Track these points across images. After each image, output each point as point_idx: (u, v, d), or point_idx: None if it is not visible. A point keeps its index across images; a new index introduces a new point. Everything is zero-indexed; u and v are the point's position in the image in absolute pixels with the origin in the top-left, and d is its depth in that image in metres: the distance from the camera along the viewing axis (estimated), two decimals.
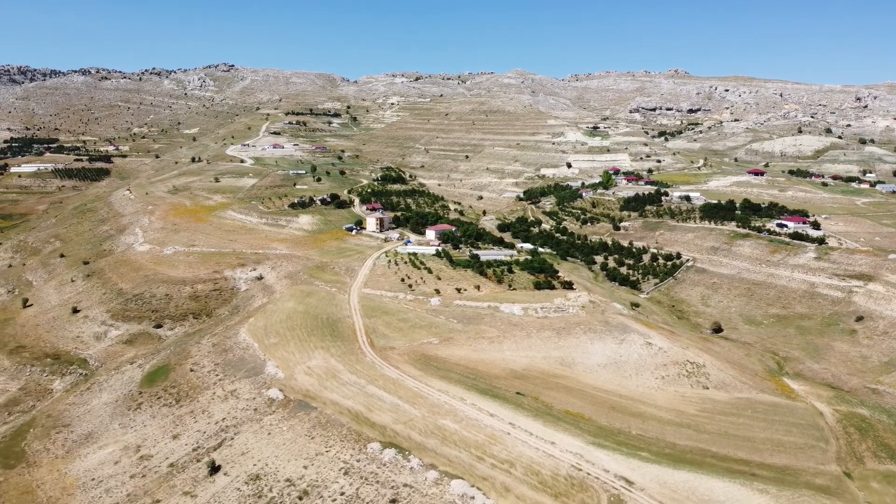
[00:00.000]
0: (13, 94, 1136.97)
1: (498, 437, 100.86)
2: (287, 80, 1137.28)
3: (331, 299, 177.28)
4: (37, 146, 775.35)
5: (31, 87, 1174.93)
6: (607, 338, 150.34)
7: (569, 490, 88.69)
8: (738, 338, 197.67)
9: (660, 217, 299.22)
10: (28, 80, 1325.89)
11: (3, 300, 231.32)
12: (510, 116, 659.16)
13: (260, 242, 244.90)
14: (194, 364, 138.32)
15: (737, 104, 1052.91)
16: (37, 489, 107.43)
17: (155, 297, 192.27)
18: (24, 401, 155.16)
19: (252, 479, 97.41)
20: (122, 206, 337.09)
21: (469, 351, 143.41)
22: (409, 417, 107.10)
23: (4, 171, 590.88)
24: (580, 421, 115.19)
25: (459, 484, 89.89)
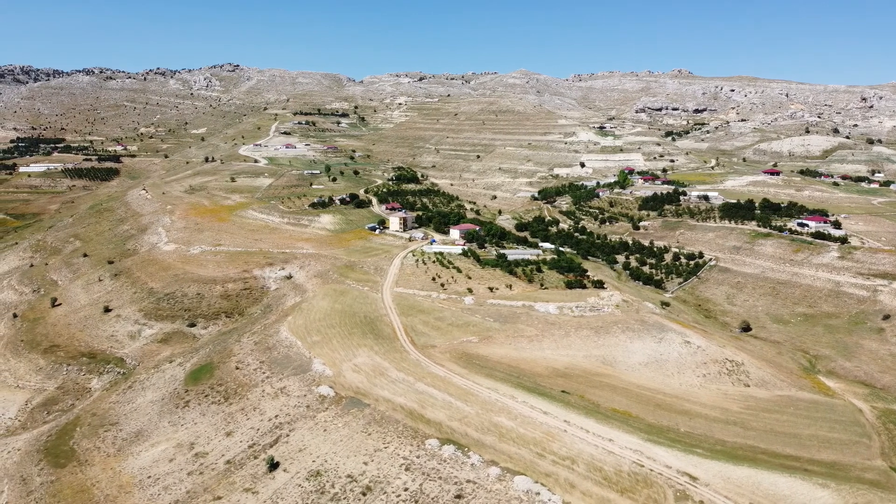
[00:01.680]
0: (18, 93, 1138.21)
1: (555, 435, 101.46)
2: (293, 80, 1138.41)
3: (365, 298, 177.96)
4: (44, 146, 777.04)
5: (35, 87, 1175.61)
6: (646, 336, 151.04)
7: (634, 486, 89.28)
8: (767, 336, 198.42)
9: (679, 216, 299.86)
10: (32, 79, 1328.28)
11: (30, 299, 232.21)
12: (520, 116, 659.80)
13: (285, 242, 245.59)
14: (239, 362, 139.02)
15: (742, 104, 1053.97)
16: (92, 487, 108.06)
17: (187, 297, 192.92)
18: (62, 400, 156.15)
19: (313, 476, 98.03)
20: (139, 206, 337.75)
21: (509, 349, 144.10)
22: (463, 414, 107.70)
23: (13, 170, 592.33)
24: (628, 419, 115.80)
25: (523, 480, 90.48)
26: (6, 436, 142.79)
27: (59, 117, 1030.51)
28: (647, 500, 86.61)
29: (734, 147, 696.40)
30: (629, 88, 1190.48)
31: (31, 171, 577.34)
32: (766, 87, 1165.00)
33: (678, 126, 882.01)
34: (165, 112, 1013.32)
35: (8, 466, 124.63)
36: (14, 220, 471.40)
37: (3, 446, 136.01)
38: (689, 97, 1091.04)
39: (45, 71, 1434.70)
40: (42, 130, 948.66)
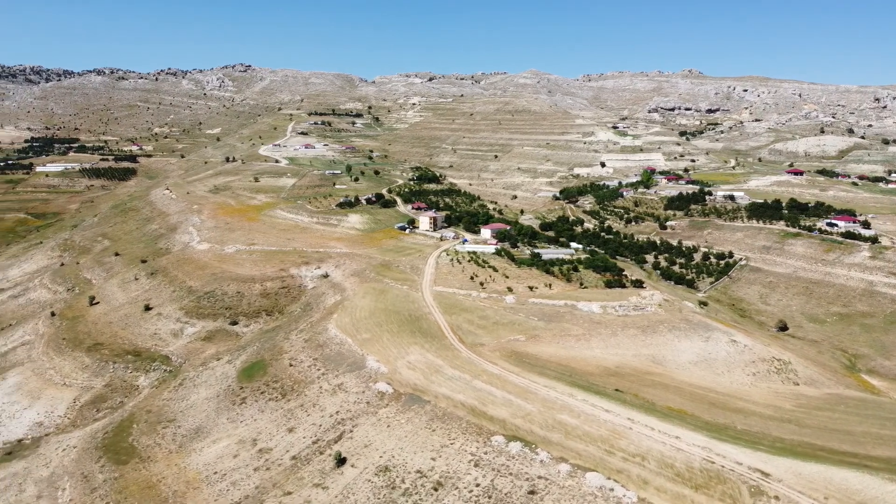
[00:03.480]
0: (31, 93, 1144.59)
1: (621, 432, 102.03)
2: (306, 81, 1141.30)
3: (406, 296, 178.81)
4: (58, 146, 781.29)
5: (48, 87, 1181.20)
6: (693, 336, 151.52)
7: (707, 482, 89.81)
8: (804, 336, 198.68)
9: (706, 216, 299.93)
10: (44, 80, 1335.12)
11: (65, 298, 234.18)
12: (536, 116, 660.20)
13: (317, 241, 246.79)
14: (292, 359, 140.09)
15: (756, 104, 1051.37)
16: (158, 484, 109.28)
17: (227, 295, 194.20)
18: (111, 397, 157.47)
19: (381, 471, 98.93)
20: (164, 206, 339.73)
21: (558, 348, 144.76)
22: (525, 412, 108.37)
23: (31, 170, 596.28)
24: (685, 417, 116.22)
25: (595, 476, 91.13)
26: (58, 433, 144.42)
27: (72, 117, 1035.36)
28: (723, 497, 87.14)
29: (749, 147, 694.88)
30: (640, 88, 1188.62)
31: (49, 170, 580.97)
32: (778, 87, 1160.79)
33: (691, 126, 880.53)
34: (179, 112, 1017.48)
35: (66, 464, 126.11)
36: (35, 220, 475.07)
37: (57, 444, 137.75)
38: (702, 97, 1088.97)
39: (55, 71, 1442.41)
40: (56, 130, 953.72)
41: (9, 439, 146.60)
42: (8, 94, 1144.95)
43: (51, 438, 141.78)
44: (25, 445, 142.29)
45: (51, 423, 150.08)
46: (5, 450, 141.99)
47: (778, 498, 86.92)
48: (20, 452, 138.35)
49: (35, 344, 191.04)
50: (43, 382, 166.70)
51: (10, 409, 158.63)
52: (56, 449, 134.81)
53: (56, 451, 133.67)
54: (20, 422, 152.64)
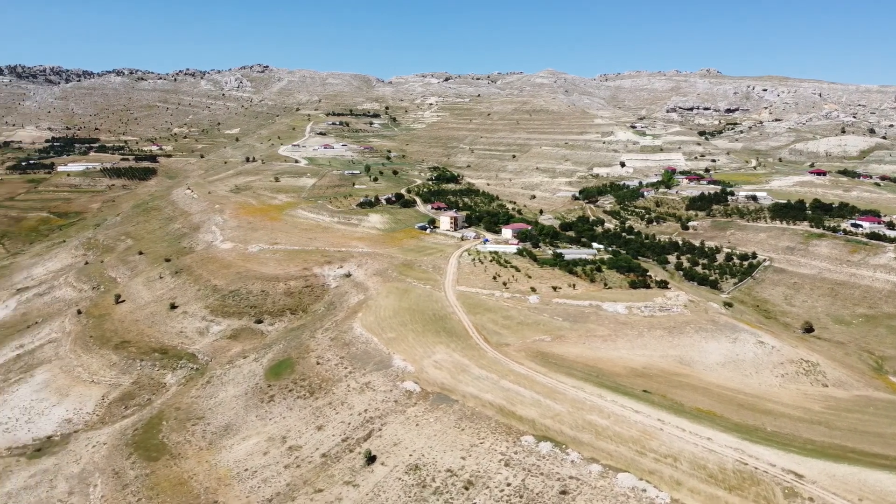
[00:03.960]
0: (51, 94, 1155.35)
1: (651, 433, 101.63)
2: (323, 81, 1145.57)
3: (429, 296, 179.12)
4: (79, 146, 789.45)
5: (68, 88, 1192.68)
6: (720, 337, 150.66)
7: (741, 483, 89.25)
8: (829, 337, 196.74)
9: (728, 217, 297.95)
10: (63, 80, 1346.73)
11: (91, 296, 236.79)
12: (555, 116, 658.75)
13: (339, 241, 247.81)
14: (319, 357, 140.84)
15: (775, 104, 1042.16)
16: (190, 480, 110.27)
17: (251, 294, 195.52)
18: (138, 394, 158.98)
19: (412, 469, 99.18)
20: (186, 205, 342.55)
21: (584, 349, 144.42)
22: (555, 412, 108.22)
23: (52, 170, 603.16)
24: (715, 418, 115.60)
25: (627, 477, 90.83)
26: (87, 430, 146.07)
27: (92, 117, 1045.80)
28: (757, 498, 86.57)
29: (769, 147, 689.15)
30: (658, 88, 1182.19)
31: (70, 170, 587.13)
32: (797, 87, 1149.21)
33: (710, 126, 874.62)
34: (198, 112, 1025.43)
35: (97, 460, 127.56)
36: (58, 219, 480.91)
37: (86, 441, 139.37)
38: (721, 97, 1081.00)
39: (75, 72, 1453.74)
40: (76, 130, 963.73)
41: (38, 436, 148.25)
42: (28, 95, 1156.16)
43: (80, 435, 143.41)
44: (55, 442, 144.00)
45: (80, 420, 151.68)
46: (35, 446, 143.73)
47: (812, 500, 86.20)
48: (50, 449, 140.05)
49: (62, 341, 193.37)
50: (71, 380, 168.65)
51: (39, 405, 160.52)
52: (86, 445, 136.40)
53: (86, 447, 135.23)
54: (49, 418, 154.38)
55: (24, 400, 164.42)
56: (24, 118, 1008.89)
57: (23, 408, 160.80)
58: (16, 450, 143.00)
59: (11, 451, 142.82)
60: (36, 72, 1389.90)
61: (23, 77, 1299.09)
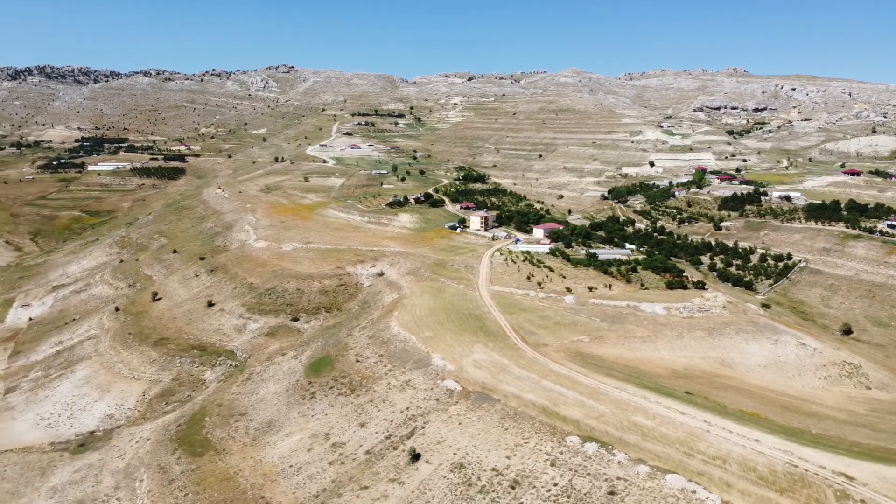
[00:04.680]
0: (80, 94, 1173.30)
1: (698, 434, 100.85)
2: (348, 82, 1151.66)
3: (463, 295, 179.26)
4: (108, 145, 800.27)
5: (97, 88, 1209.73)
6: (761, 338, 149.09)
7: (792, 486, 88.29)
8: (868, 339, 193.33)
9: (762, 217, 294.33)
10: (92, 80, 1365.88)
11: (127, 293, 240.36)
12: (581, 115, 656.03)
13: (370, 240, 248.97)
14: (358, 355, 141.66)
15: (804, 103, 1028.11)
16: (236, 476, 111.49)
17: (287, 292, 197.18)
18: (179, 391, 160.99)
19: (456, 468, 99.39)
20: (218, 204, 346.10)
21: (623, 350, 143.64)
22: (599, 413, 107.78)
23: (83, 169, 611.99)
24: (759, 420, 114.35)
25: (675, 478, 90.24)
26: (129, 426, 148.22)
27: (121, 117, 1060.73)
28: (809, 500, 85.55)
29: (799, 147, 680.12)
30: (685, 87, 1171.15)
31: (101, 169, 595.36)
32: (827, 86, 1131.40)
33: (738, 126, 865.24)
34: (224, 112, 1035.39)
35: (142, 456, 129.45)
36: (89, 217, 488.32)
37: (129, 436, 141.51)
38: (749, 96, 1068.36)
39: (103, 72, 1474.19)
40: (105, 130, 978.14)
41: (81, 431, 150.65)
42: (58, 95, 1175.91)
43: (122, 430, 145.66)
44: (98, 437, 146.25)
45: (121, 416, 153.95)
46: (78, 441, 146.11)
47: (864, 502, 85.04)
48: (93, 444, 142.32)
49: (101, 338, 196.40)
50: (112, 376, 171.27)
51: (81, 401, 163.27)
52: (129, 441, 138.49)
53: (129, 442, 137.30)
54: (91, 414, 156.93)
55: (66, 395, 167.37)
56: (54, 118, 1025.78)
57: (65, 403, 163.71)
58: (59, 445, 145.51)
59: (55, 445, 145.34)
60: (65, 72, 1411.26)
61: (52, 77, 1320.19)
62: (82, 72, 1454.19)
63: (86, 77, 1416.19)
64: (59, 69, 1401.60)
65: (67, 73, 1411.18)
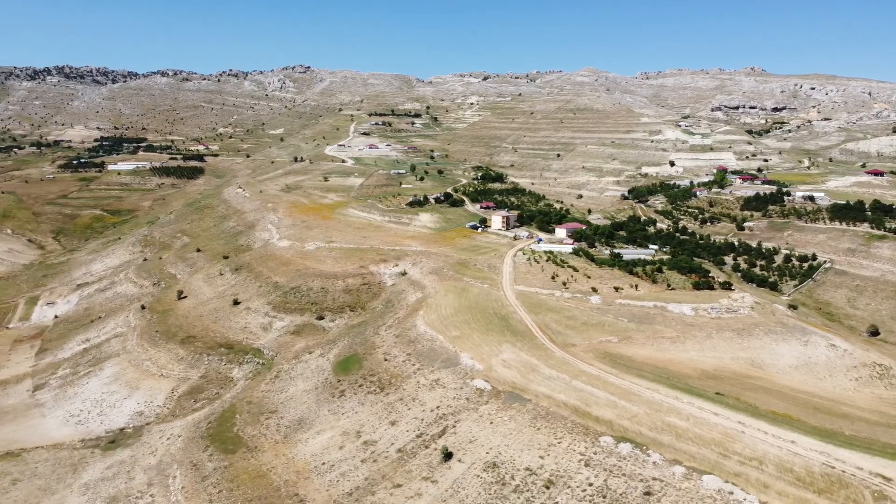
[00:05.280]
0: (99, 94, 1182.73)
1: (733, 435, 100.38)
2: (365, 82, 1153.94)
3: (488, 295, 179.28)
4: (127, 145, 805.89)
5: (115, 88, 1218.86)
6: (791, 339, 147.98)
7: (829, 487, 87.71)
8: None
9: (785, 217, 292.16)
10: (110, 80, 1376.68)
11: (152, 292, 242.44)
12: (599, 114, 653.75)
13: (391, 239, 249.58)
14: (385, 354, 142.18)
15: (824, 103, 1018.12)
16: (269, 473, 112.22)
17: (312, 290, 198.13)
18: (207, 388, 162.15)
19: (489, 467, 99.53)
20: (239, 204, 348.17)
21: (652, 350, 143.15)
22: (632, 413, 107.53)
23: (103, 168, 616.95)
24: (792, 421, 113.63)
25: (712, 479, 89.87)
26: (159, 422, 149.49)
27: (139, 117, 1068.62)
28: (847, 501, 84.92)
29: (819, 147, 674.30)
30: (702, 86, 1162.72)
31: (121, 168, 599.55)
32: (846, 86, 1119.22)
33: (756, 125, 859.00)
34: (242, 112, 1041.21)
35: (173, 452, 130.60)
36: (110, 216, 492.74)
37: (160, 433, 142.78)
38: (767, 95, 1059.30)
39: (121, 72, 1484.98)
40: (124, 130, 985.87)
41: (111, 428, 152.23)
42: (76, 95, 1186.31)
43: (152, 427, 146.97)
44: (128, 434, 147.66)
45: (151, 413, 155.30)
46: (108, 438, 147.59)
47: None
48: (124, 441, 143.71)
49: (128, 336, 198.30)
50: (140, 373, 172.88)
51: (111, 398, 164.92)
52: (160, 438, 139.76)
53: (160, 439, 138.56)
54: (121, 411, 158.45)
55: (95, 392, 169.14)
56: (73, 118, 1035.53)
57: (94, 400, 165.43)
58: (89, 441, 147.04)
59: (85, 442, 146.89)
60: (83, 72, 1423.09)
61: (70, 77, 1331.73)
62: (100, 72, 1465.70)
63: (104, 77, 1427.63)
64: (78, 69, 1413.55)
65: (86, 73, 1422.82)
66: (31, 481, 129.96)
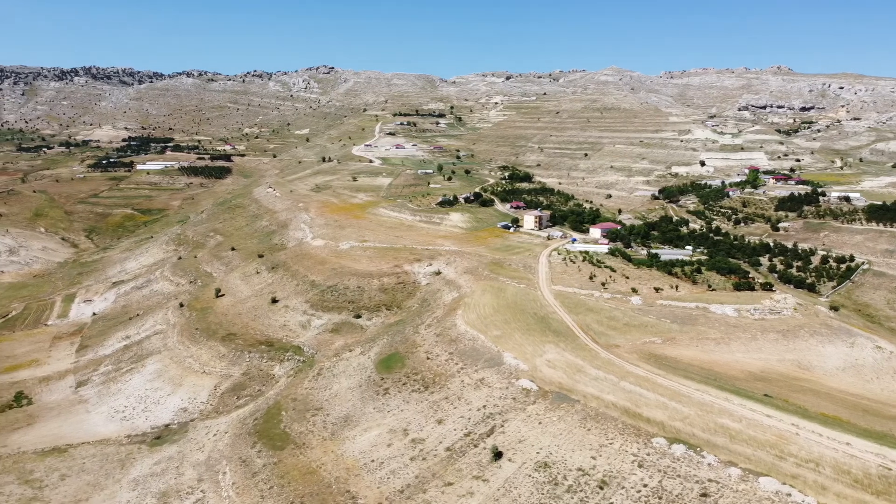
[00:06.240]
0: (126, 94, 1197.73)
1: (788, 437, 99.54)
2: (388, 82, 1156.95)
3: (525, 295, 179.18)
4: (154, 145, 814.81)
5: (142, 89, 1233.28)
6: (836, 341, 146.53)
7: (888, 488, 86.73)
8: None
9: (821, 218, 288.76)
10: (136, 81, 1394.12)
11: (189, 290, 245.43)
12: (627, 114, 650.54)
13: (424, 239, 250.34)
14: (427, 353, 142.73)
15: (852, 102, 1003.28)
16: (319, 470, 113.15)
17: (348, 289, 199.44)
18: (249, 385, 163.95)
19: (541, 467, 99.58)
20: (271, 203, 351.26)
21: (697, 351, 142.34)
22: (683, 415, 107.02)
23: (132, 168, 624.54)
24: (842, 423, 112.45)
25: (769, 481, 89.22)
26: (203, 419, 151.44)
27: (166, 117, 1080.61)
28: None
29: (848, 147, 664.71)
30: (728, 86, 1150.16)
31: (149, 168, 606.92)
32: (875, 85, 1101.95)
33: (784, 125, 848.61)
34: (267, 113, 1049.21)
35: (221, 448, 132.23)
36: (141, 215, 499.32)
37: (205, 429, 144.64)
38: (795, 95, 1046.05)
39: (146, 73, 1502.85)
40: (151, 130, 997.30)
41: (156, 424, 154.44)
42: (104, 95, 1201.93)
43: (197, 424, 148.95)
44: (173, 430, 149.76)
45: (195, 409, 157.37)
46: (154, 434, 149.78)
47: None
48: (169, 437, 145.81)
49: (168, 333, 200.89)
50: (182, 370, 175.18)
51: (154, 395, 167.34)
52: (206, 434, 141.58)
53: (207, 436, 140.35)
54: (165, 407, 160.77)
55: (138, 389, 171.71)
56: (101, 118, 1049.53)
57: (138, 396, 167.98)
58: (135, 437, 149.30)
59: (131, 438, 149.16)
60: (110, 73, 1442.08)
61: (98, 78, 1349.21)
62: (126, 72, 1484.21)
63: (130, 78, 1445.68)
64: (105, 70, 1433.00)
65: (112, 73, 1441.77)
66: (79, 477, 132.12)
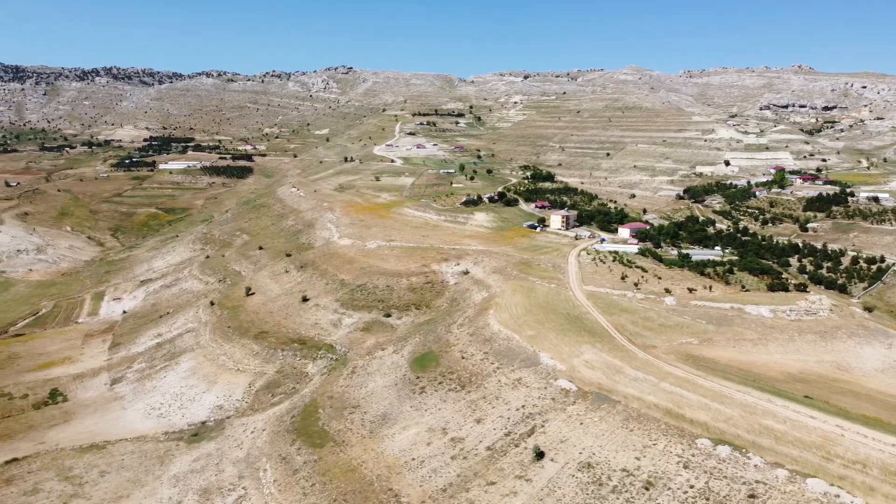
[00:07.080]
0: (147, 95, 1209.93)
1: (833, 439, 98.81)
2: (407, 82, 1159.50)
3: (557, 295, 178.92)
4: (175, 144, 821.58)
5: (163, 89, 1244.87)
6: (874, 342, 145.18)
7: None
8: None
9: (850, 218, 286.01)
10: (157, 82, 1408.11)
11: (219, 288, 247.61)
12: (649, 113, 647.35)
13: (450, 238, 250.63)
14: (462, 352, 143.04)
15: (875, 101, 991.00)
16: (360, 467, 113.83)
17: (378, 288, 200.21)
18: (283, 383, 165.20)
19: (584, 467, 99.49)
20: (295, 203, 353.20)
21: (735, 353, 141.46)
22: (727, 416, 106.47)
23: (154, 167, 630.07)
24: (885, 425, 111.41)
25: (817, 482, 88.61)
26: (239, 416, 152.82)
27: (187, 117, 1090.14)
28: None
29: (872, 147, 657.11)
30: (749, 85, 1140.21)
31: (172, 168, 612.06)
32: None
33: (806, 124, 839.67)
34: (287, 113, 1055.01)
35: (260, 445, 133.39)
36: (165, 214, 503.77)
37: (242, 427, 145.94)
38: (817, 94, 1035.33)
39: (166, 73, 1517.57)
40: (172, 130, 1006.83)
41: (193, 421, 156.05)
42: (125, 96, 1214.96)
43: (234, 421, 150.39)
44: (210, 427, 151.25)
45: (230, 407, 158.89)
46: (191, 431, 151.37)
47: None
48: (207, 434, 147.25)
49: (200, 331, 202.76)
50: (216, 368, 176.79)
51: (190, 392, 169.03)
52: (243, 431, 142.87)
53: (244, 433, 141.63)
54: (201, 405, 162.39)
55: (174, 386, 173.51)
56: (122, 118, 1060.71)
57: (173, 394, 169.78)
58: (173, 434, 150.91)
59: (169, 435, 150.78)
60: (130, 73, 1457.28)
61: (118, 78, 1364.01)
62: (146, 73, 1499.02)
63: (150, 78, 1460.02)
64: (125, 70, 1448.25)
65: (133, 74, 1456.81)
66: (119, 473, 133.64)
